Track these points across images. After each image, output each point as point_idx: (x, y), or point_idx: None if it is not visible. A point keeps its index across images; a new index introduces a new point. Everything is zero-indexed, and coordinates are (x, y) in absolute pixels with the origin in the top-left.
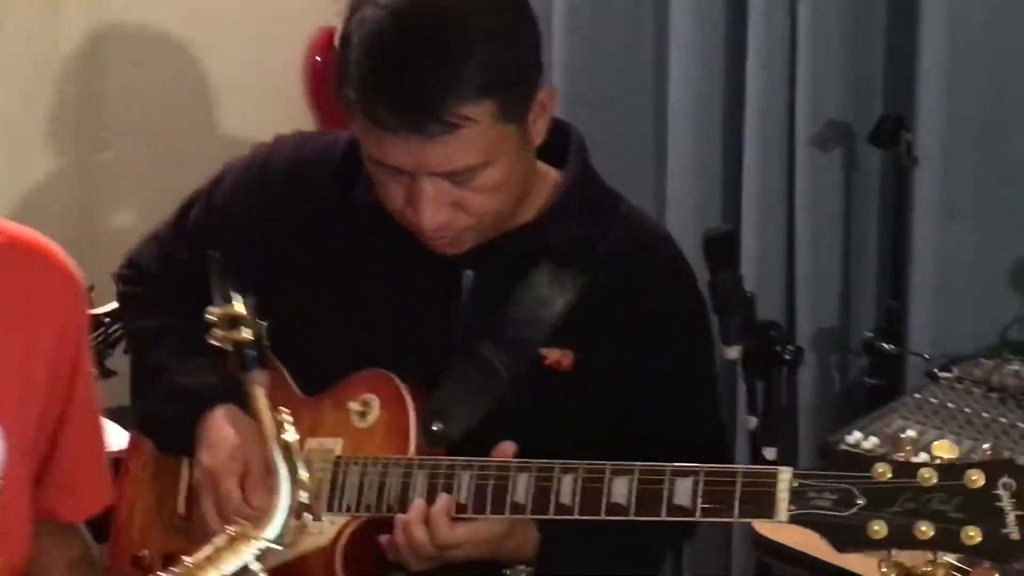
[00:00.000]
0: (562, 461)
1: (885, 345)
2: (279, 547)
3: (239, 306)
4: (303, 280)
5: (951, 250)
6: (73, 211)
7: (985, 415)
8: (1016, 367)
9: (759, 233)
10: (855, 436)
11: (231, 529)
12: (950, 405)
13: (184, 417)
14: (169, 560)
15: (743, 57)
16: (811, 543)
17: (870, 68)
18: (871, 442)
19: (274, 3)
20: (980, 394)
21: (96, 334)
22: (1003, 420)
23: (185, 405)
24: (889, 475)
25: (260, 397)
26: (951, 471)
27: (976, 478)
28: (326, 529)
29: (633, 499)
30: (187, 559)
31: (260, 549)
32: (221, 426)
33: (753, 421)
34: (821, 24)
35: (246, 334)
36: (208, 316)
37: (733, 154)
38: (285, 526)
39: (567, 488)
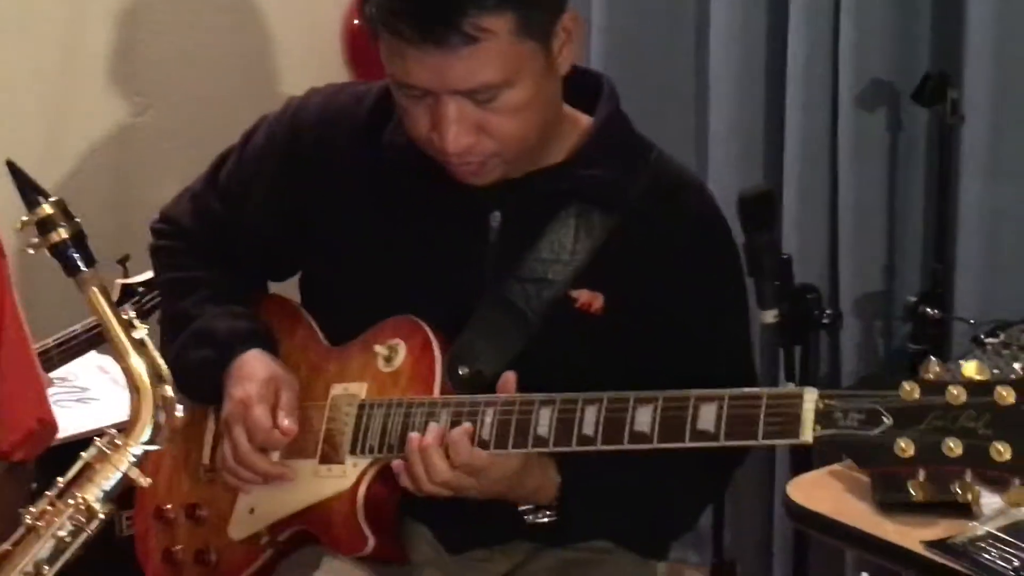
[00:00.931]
0: (586, 394)
1: (929, 310)
2: (155, 447)
3: (48, 207)
4: (332, 226)
5: (998, 211)
6: (111, 177)
7: None
8: None
9: (801, 194)
10: None
11: (99, 441)
12: (996, 372)
13: (215, 360)
14: (191, 510)
15: (785, 15)
16: (846, 511)
17: (915, 24)
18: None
19: None
20: None
21: (130, 303)
22: None
23: (216, 349)
24: (917, 394)
25: (97, 297)
26: (980, 388)
27: (1006, 395)
28: (348, 472)
29: (656, 426)
30: (61, 480)
31: (136, 455)
32: (252, 364)
33: (790, 386)
34: None
35: (63, 234)
36: (18, 225)
37: (775, 114)
38: (155, 425)
39: (590, 419)
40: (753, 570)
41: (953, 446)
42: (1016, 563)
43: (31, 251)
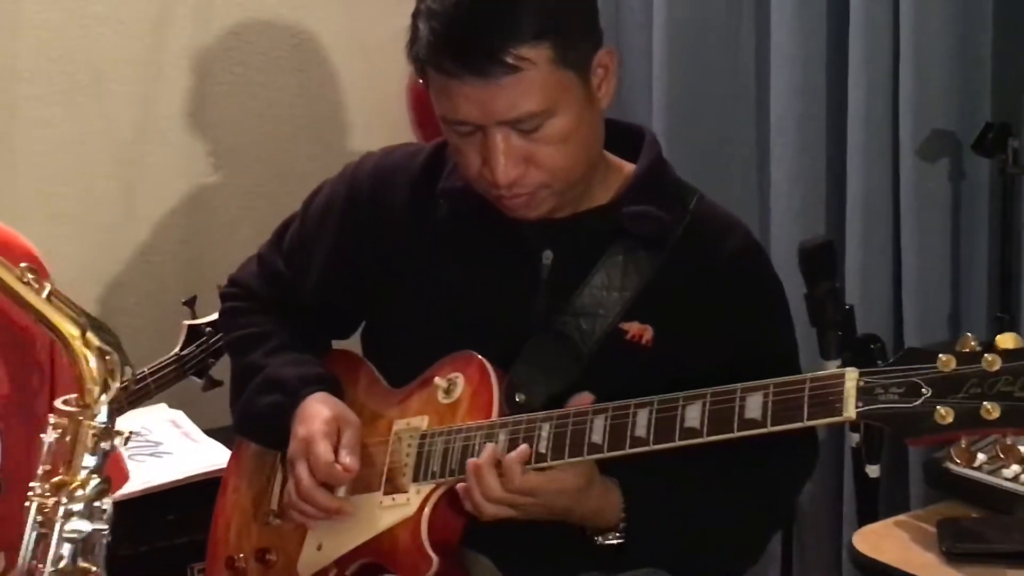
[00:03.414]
0: (637, 399)
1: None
2: (106, 423)
3: None
4: (392, 275)
5: None
6: (181, 232)
7: None
8: None
9: (864, 244)
10: None
11: (54, 422)
12: None
13: (283, 404)
14: (261, 555)
15: (845, 65)
16: (913, 561)
17: (976, 75)
18: (979, 459)
19: (381, 29)
20: None
21: (197, 344)
22: None
23: (284, 393)
24: (954, 364)
25: None
26: (1015, 355)
27: None
28: (412, 499)
29: (706, 420)
30: (37, 487)
31: (102, 420)
32: (317, 406)
33: (855, 438)
34: (924, 30)
35: None
36: None
37: (836, 164)
38: (111, 393)
39: (642, 421)
40: None
41: (991, 409)
42: None
43: None
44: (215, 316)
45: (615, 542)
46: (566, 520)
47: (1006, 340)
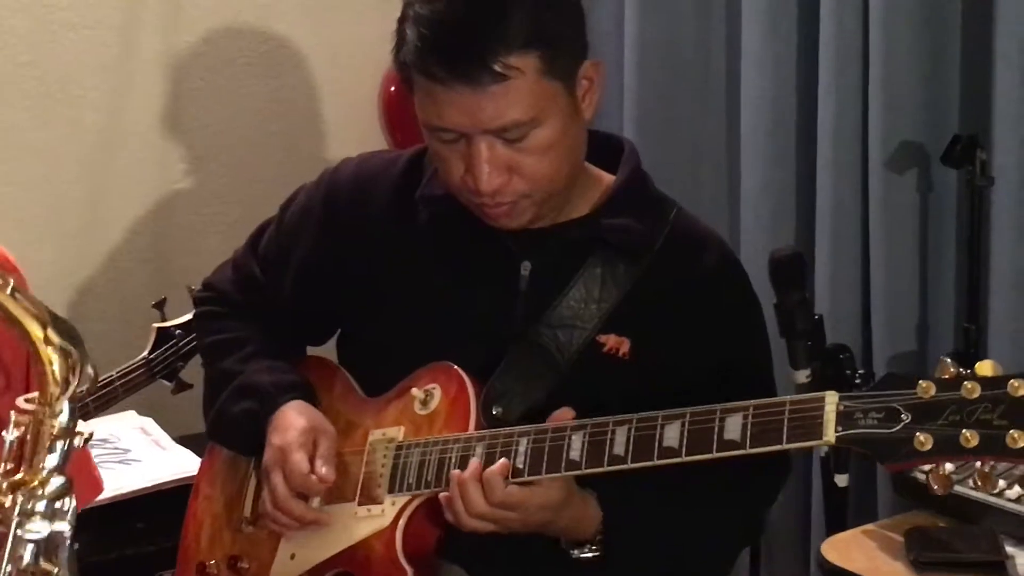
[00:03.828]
0: (615, 416)
1: (963, 369)
2: (68, 423)
3: None
4: (369, 283)
5: None
6: (150, 236)
7: None
8: None
9: (833, 254)
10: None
11: (15, 419)
12: None
13: (257, 411)
14: (233, 562)
15: (815, 77)
16: (880, 570)
17: (944, 88)
18: (946, 468)
19: (351, 35)
20: None
21: (167, 347)
22: None
23: (258, 400)
24: (933, 391)
25: None
26: (994, 382)
27: (1019, 386)
28: (387, 510)
29: (685, 440)
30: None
31: (65, 415)
32: (292, 415)
33: (823, 448)
34: (892, 43)
35: None
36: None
37: (806, 175)
38: (71, 390)
39: (620, 439)
40: None
41: (970, 436)
42: None
43: None
44: (185, 318)
45: (591, 555)
46: (543, 532)
47: (984, 367)
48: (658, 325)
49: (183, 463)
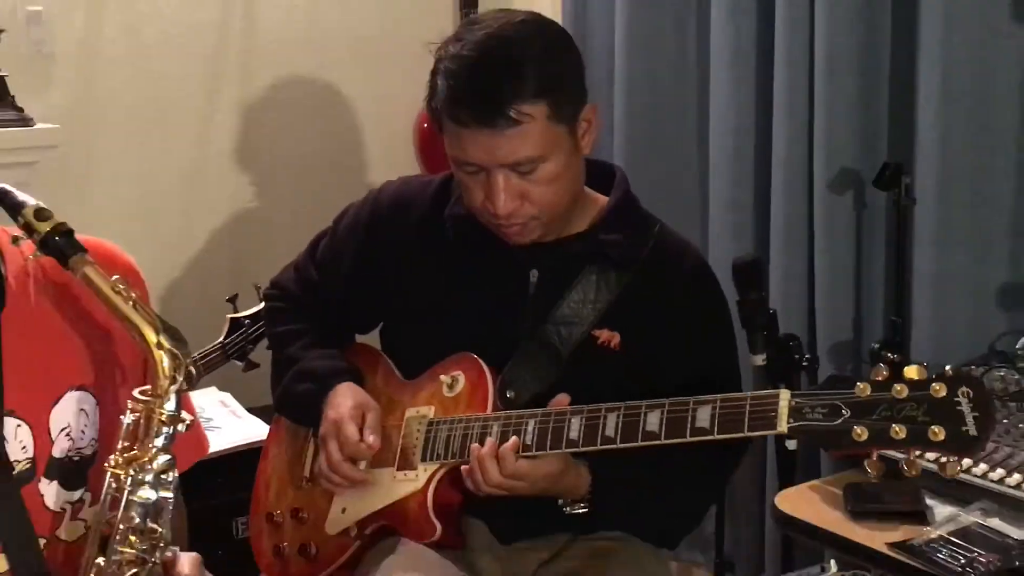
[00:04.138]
0: (607, 404)
1: (890, 355)
2: (180, 385)
3: (28, 212)
4: (406, 286)
5: (945, 275)
6: (230, 247)
7: None
8: (1002, 373)
9: (784, 262)
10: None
11: (132, 407)
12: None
13: (315, 392)
14: (295, 513)
15: (770, 113)
16: (824, 518)
17: (875, 124)
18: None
19: (391, 82)
20: None
21: (238, 333)
22: None
23: (316, 383)
24: (869, 391)
25: (92, 273)
26: (919, 384)
27: (939, 388)
28: (420, 476)
29: (663, 426)
30: (112, 459)
31: (170, 408)
32: (343, 394)
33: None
34: (833, 88)
35: (45, 227)
36: (17, 238)
37: (763, 196)
38: (171, 366)
39: (611, 423)
40: (748, 569)
41: (899, 430)
42: (963, 560)
43: (32, 257)
44: (253, 310)
45: (582, 511)
46: (545, 495)
47: (911, 371)
48: (644, 321)
49: (254, 429)
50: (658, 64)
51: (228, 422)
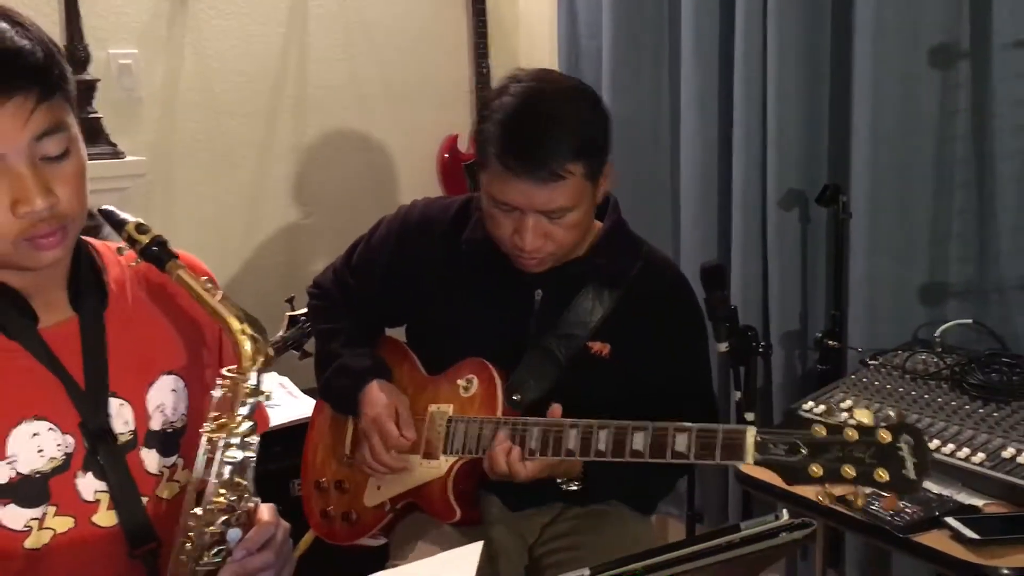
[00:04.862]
0: (599, 421)
1: (831, 342)
2: (263, 366)
3: (130, 226)
4: (429, 294)
5: (875, 276)
6: (285, 258)
7: (900, 390)
8: (923, 357)
9: (743, 266)
10: (809, 404)
11: (221, 381)
12: (876, 384)
13: (352, 387)
14: (339, 484)
15: (730, 146)
16: (776, 479)
17: (817, 151)
18: (820, 408)
19: (417, 119)
20: (897, 375)
21: (295, 328)
22: (913, 394)
23: (352, 380)
24: (824, 433)
25: (186, 275)
26: (867, 430)
27: (885, 435)
28: (442, 465)
29: (648, 447)
30: (207, 426)
31: (253, 382)
32: (377, 391)
33: (737, 395)
34: (784, 122)
35: (144, 239)
36: (120, 248)
37: (725, 213)
38: (254, 350)
39: (603, 439)
40: (715, 518)
41: (849, 470)
42: (891, 511)
43: (133, 264)
44: (306, 310)
45: (576, 488)
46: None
47: (862, 414)
48: (631, 332)
49: (308, 408)
50: (637, 107)
51: (286, 401)
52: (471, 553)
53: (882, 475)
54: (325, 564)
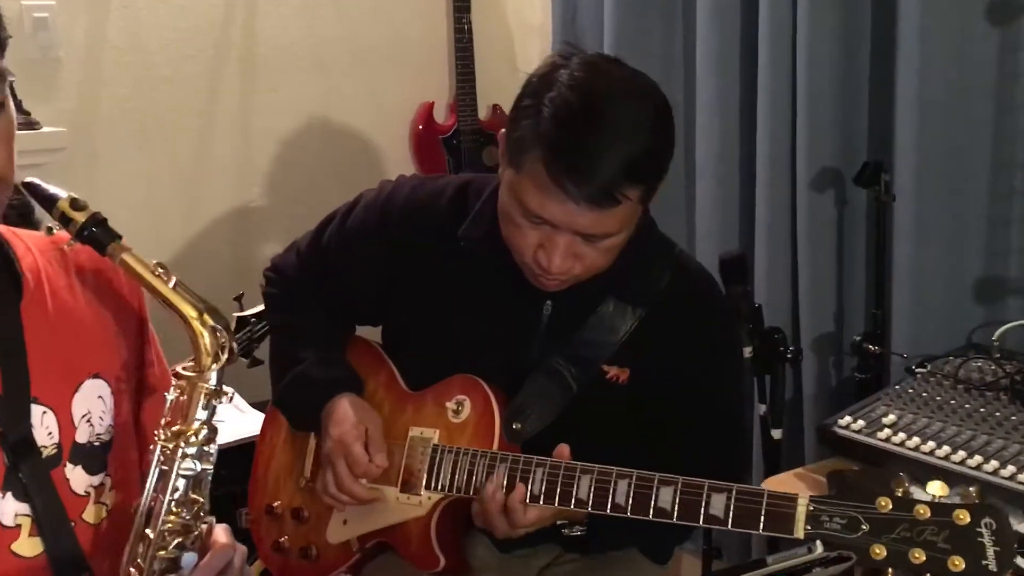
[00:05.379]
0: (618, 468)
1: (871, 347)
2: (223, 363)
3: (63, 203)
4: (413, 296)
5: (923, 269)
6: (231, 244)
7: (952, 403)
8: (979, 364)
9: (769, 257)
10: (846, 420)
11: (176, 382)
12: (924, 395)
13: (314, 401)
14: (296, 512)
15: (754, 117)
16: None
17: (856, 124)
18: (859, 424)
19: (387, 85)
20: (949, 386)
21: (243, 331)
22: (967, 407)
23: (316, 392)
24: (890, 507)
25: (133, 260)
26: (942, 508)
27: (963, 517)
28: (424, 503)
29: (676, 506)
30: (161, 424)
31: (212, 382)
32: (345, 408)
33: (762, 408)
34: (815, 91)
35: (81, 218)
36: (51, 228)
37: (748, 194)
38: (213, 346)
39: (622, 490)
40: (735, 554)
41: (919, 555)
42: None
43: (67, 248)
44: (257, 309)
45: (579, 533)
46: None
47: (934, 488)
48: (654, 359)
49: (256, 424)
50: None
51: (232, 416)
52: None
53: (957, 564)
54: None
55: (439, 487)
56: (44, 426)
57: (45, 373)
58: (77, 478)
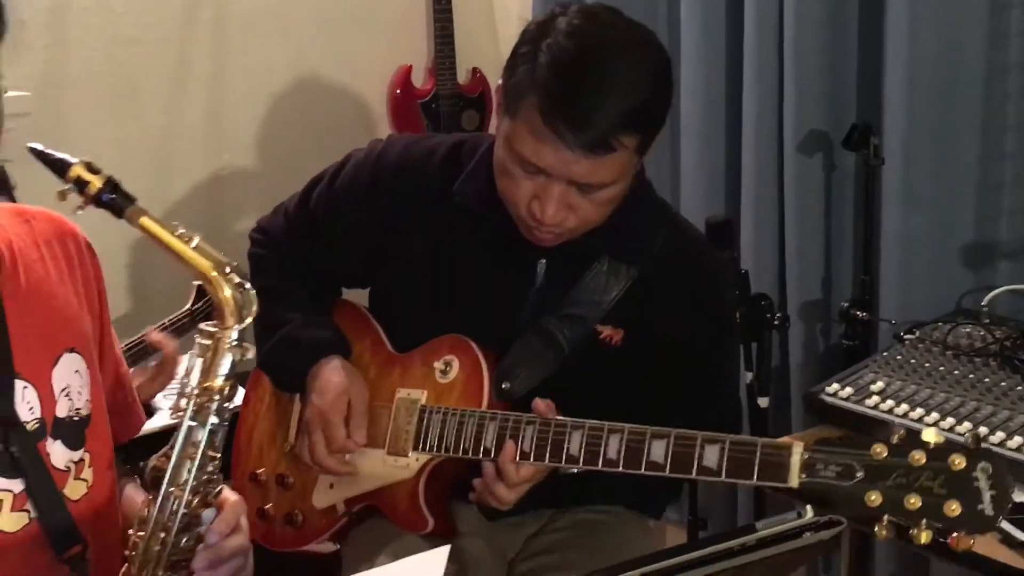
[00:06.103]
0: (610, 423)
1: (859, 313)
2: (247, 322)
3: (77, 167)
4: (404, 257)
5: (912, 234)
6: (204, 213)
7: (941, 369)
8: (968, 330)
9: (755, 222)
10: (834, 387)
11: (200, 337)
12: (912, 362)
13: (301, 363)
14: (280, 478)
15: (740, 78)
16: None
17: (843, 85)
18: (847, 391)
19: (365, 47)
20: (938, 352)
21: (205, 299)
22: (956, 373)
23: (302, 354)
24: (885, 454)
25: (151, 223)
26: (937, 453)
27: (959, 461)
28: (412, 464)
29: (669, 459)
30: (187, 380)
31: (235, 337)
32: (330, 374)
33: (749, 376)
34: (801, 52)
35: (98, 183)
36: (60, 192)
37: (734, 157)
38: (236, 304)
39: (613, 446)
40: (721, 523)
41: (914, 501)
42: None
43: (79, 212)
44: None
45: (575, 471)
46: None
47: (929, 434)
48: (650, 318)
49: (239, 395)
50: None
51: None
52: (435, 560)
53: (953, 509)
54: (263, 573)
55: (427, 447)
56: (25, 401)
57: (25, 348)
58: (57, 453)
